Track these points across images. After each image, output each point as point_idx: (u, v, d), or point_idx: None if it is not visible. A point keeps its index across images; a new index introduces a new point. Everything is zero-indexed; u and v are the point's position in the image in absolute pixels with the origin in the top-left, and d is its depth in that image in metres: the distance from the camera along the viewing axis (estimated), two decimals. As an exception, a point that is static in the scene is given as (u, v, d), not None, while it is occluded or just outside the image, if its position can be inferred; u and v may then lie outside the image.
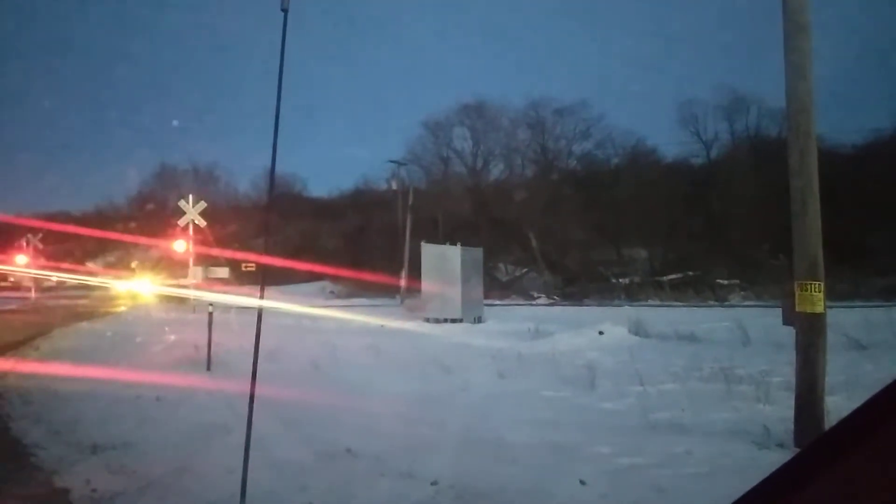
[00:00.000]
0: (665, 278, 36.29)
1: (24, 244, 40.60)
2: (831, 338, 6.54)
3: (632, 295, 34.17)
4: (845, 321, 12.00)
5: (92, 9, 79.93)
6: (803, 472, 1.14)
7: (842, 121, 43.04)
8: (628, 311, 21.13)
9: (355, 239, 44.46)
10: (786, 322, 6.34)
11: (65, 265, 39.51)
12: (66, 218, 45.62)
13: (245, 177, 57.58)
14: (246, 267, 26.68)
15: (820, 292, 5.96)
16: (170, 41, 79.54)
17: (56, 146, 71.68)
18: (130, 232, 38.36)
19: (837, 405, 5.86)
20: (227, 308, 17.48)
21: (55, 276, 38.57)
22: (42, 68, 70.81)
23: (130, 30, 79.72)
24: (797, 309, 6.05)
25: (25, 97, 69.33)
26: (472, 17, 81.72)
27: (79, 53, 75.39)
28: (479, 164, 50.97)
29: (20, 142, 72.03)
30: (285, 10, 4.07)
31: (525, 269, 43.52)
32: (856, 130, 43.00)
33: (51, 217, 44.01)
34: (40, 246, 40.99)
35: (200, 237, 26.41)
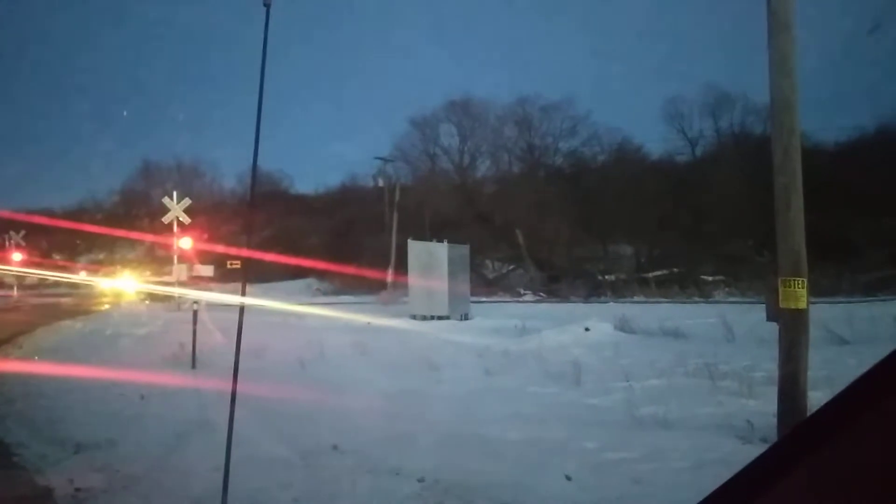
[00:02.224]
0: (650, 275, 36.48)
1: (6, 242, 40.16)
2: (814, 333, 6.60)
3: (618, 291, 34.32)
4: (828, 316, 12.12)
5: (74, 4, 79.03)
6: (781, 462, 1.15)
7: (825, 118, 43.58)
8: (614, 308, 21.25)
9: (341, 236, 44.32)
10: (770, 318, 6.36)
11: (48, 262, 39.12)
12: (50, 215, 45.09)
13: (231, 173, 57.29)
14: (231, 264, 26.51)
15: (803, 288, 6.01)
16: (154, 37, 78.90)
17: (38, 143, 70.90)
18: (115, 229, 38.02)
19: (820, 400, 5.91)
20: (212, 305, 17.39)
21: (38, 274, 38.19)
22: (22, 66, 70.00)
23: (112, 26, 78.99)
24: (781, 305, 6.10)
25: (5, 94, 68.50)
26: (459, 13, 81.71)
27: (61, 50, 74.56)
28: (466, 160, 51.03)
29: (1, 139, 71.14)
30: (267, 5, 4.04)
31: (512, 266, 43.59)
32: (839, 128, 43.51)
33: (33, 214, 43.52)
34: (23, 243, 40.55)
35: (185, 234, 26.23)
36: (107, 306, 29.32)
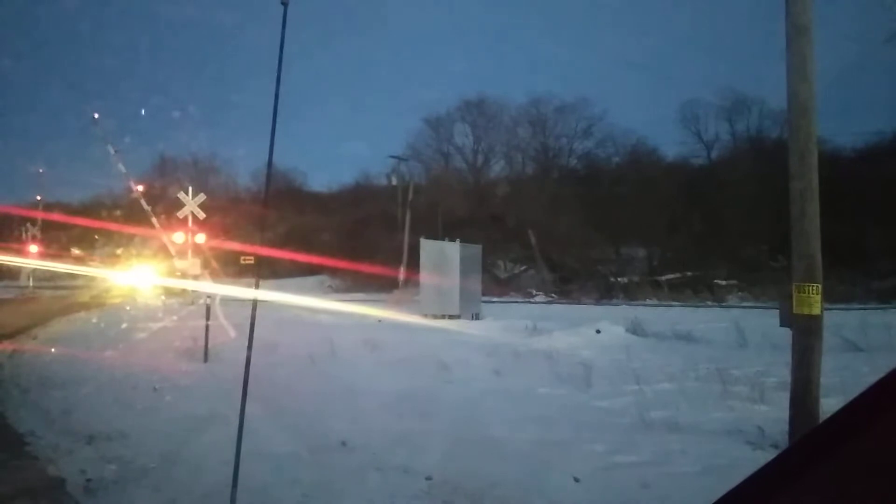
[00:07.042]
0: (663, 278, 36.32)
1: (23, 234, 40.60)
2: (827, 339, 6.54)
3: (630, 294, 34.19)
4: (842, 323, 12.03)
5: (93, 4, 79.59)
6: (792, 468, 1.15)
7: (843, 123, 43.20)
8: (626, 310, 21.16)
9: (354, 234, 44.40)
10: (783, 323, 6.32)
11: (63, 255, 39.51)
12: (65, 208, 45.51)
13: (246, 171, 57.49)
14: (245, 260, 26.66)
15: (818, 294, 5.96)
16: (173, 33, 79.29)
17: (55, 136, 71.54)
18: (129, 222, 38.27)
19: (832, 406, 5.84)
20: (226, 300, 17.47)
21: (53, 266, 38.51)
22: (40, 59, 70.58)
23: (130, 24, 79.48)
24: (794, 311, 6.05)
25: (24, 87, 69.19)
26: (474, 13, 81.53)
27: (81, 48, 75.14)
28: (480, 160, 51.08)
29: (19, 132, 71.86)
30: (285, 4, 4.07)
31: (524, 267, 43.52)
32: (857, 133, 43.15)
33: (49, 207, 43.91)
34: (38, 236, 40.98)
35: (200, 230, 26.36)
36: (120, 299, 29.54)
